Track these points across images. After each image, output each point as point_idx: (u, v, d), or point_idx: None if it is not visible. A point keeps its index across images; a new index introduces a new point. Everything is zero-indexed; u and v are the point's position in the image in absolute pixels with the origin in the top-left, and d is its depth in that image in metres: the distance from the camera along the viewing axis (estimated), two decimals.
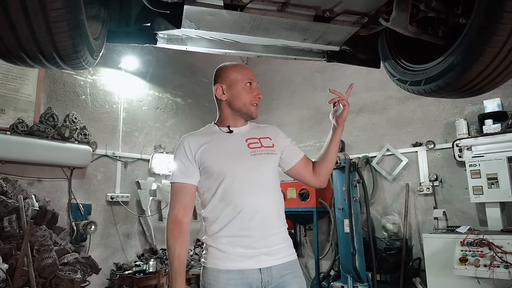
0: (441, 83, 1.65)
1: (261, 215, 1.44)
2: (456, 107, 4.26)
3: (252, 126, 1.67)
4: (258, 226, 1.42)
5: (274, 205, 1.50)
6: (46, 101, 3.89)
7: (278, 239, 1.47)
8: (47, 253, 2.98)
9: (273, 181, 1.54)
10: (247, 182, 1.46)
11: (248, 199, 1.44)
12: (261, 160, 1.52)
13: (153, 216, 4.58)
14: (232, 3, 1.54)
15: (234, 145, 1.53)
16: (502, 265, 2.84)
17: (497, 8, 1.34)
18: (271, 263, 1.42)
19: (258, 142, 1.56)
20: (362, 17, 1.66)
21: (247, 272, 1.38)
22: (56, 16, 1.10)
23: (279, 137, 1.65)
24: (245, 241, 1.41)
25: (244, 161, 1.49)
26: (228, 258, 1.40)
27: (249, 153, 1.52)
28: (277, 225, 1.49)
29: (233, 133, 1.58)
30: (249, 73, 1.61)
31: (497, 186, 3.53)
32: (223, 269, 1.39)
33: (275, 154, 1.58)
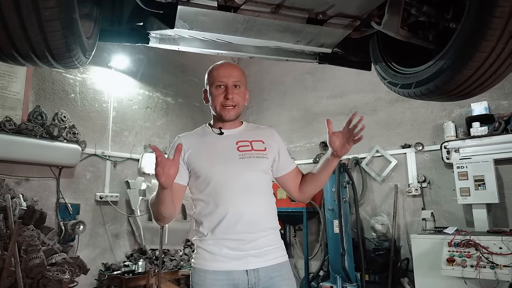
0: (431, 87, 1.68)
1: (248, 218, 1.42)
2: (444, 110, 4.33)
3: (248, 127, 1.65)
4: (246, 229, 1.41)
5: (263, 208, 1.48)
6: (34, 99, 3.84)
7: (266, 241, 1.45)
8: (34, 253, 2.94)
9: (262, 184, 1.52)
10: (234, 185, 1.45)
11: (235, 202, 1.43)
12: (250, 164, 1.50)
13: (143, 216, 4.54)
14: (226, 4, 1.55)
15: (223, 148, 1.52)
16: (488, 266, 2.90)
17: (486, 13, 1.37)
18: (258, 265, 1.41)
19: (249, 145, 1.54)
20: (355, 20, 1.68)
21: (233, 273, 1.38)
22: (49, 14, 1.09)
23: (273, 141, 1.61)
24: (232, 243, 1.40)
25: (231, 164, 1.48)
26: (215, 259, 1.41)
27: (238, 156, 1.50)
28: (266, 228, 1.47)
29: (223, 135, 1.57)
30: (222, 74, 1.54)
31: (483, 188, 3.60)
32: (210, 269, 1.40)
33: (266, 158, 1.54)
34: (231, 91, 1.52)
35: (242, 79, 1.57)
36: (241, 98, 1.56)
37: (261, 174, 1.52)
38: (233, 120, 1.58)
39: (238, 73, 1.57)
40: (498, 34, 1.37)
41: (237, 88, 1.54)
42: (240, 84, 1.55)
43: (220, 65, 1.59)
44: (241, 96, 1.56)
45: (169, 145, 5.13)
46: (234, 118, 1.56)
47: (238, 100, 1.54)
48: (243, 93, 1.58)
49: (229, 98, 1.51)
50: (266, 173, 1.55)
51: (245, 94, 1.61)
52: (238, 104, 1.55)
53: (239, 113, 1.57)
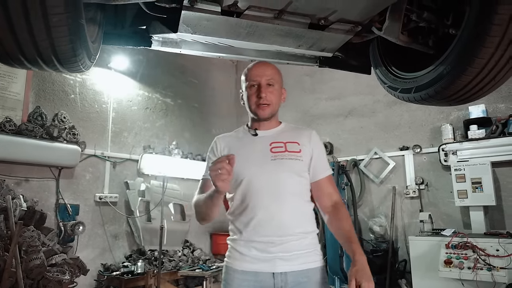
0: (431, 92, 1.70)
1: (277, 221, 1.40)
2: (442, 112, 4.37)
3: (286, 128, 1.60)
4: (274, 232, 1.39)
5: (294, 211, 1.43)
6: (34, 100, 3.84)
7: (296, 246, 1.41)
8: (35, 254, 2.94)
9: (295, 187, 1.46)
10: (264, 187, 1.43)
11: (264, 205, 1.42)
12: (282, 165, 1.46)
13: (142, 217, 4.55)
14: (229, 9, 1.56)
15: (257, 149, 1.50)
16: (485, 268, 2.93)
17: (486, 20, 1.39)
18: (286, 268, 1.38)
19: (283, 146, 1.50)
20: (356, 26, 1.70)
21: (260, 275, 1.38)
22: (57, 20, 1.11)
23: (311, 143, 1.54)
24: (260, 245, 1.40)
25: (263, 166, 1.46)
26: (244, 260, 1.41)
27: (270, 157, 1.47)
28: (296, 232, 1.42)
29: (257, 136, 1.55)
30: (255, 73, 1.53)
31: (481, 190, 3.64)
32: (238, 269, 1.41)
33: (300, 160, 1.49)
34: (264, 89, 1.50)
35: (276, 77, 1.55)
36: (275, 97, 1.54)
37: (294, 177, 1.47)
38: (268, 119, 1.56)
39: (272, 72, 1.55)
40: (497, 41, 1.40)
41: (271, 87, 1.52)
42: (274, 83, 1.53)
43: (254, 65, 1.57)
44: (275, 94, 1.53)
45: (168, 146, 5.15)
46: (269, 116, 1.54)
47: (271, 99, 1.51)
48: (278, 91, 1.55)
49: (262, 97, 1.49)
50: (301, 175, 1.49)
51: (280, 92, 1.57)
52: (272, 103, 1.52)
53: (274, 111, 1.55)
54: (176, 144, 5.23)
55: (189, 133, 5.68)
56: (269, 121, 1.57)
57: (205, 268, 4.36)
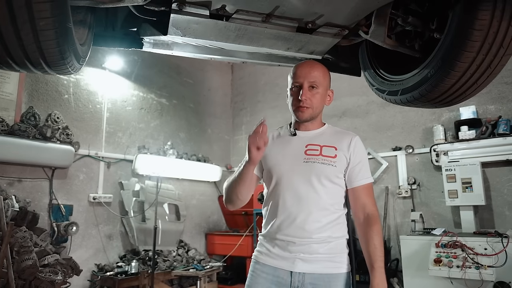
0: (416, 94, 1.73)
1: (300, 223, 1.40)
2: (434, 114, 4.41)
3: (328, 131, 1.58)
4: (296, 234, 1.41)
5: (319, 216, 1.42)
6: (27, 100, 3.84)
7: (319, 249, 1.40)
8: (27, 254, 2.95)
9: (324, 192, 1.44)
10: (292, 188, 1.44)
11: (288, 205, 1.43)
12: (312, 169, 1.44)
13: (136, 217, 4.57)
14: (217, 13, 1.59)
15: (292, 149, 1.50)
16: (473, 266, 2.97)
17: (467, 25, 1.43)
18: (305, 269, 1.38)
19: (318, 149, 1.48)
20: (343, 30, 1.73)
21: (279, 271, 1.41)
22: (44, 24, 1.13)
23: (349, 149, 1.49)
24: (282, 244, 1.43)
25: (294, 167, 1.46)
26: (267, 255, 1.46)
27: (303, 159, 1.47)
28: (320, 237, 1.41)
29: (296, 136, 1.55)
30: (299, 74, 1.51)
31: (471, 190, 3.68)
32: (260, 262, 1.47)
33: (333, 165, 1.45)
34: (305, 92, 1.47)
35: (320, 79, 1.50)
36: (317, 100, 1.50)
37: (324, 181, 1.44)
38: (308, 121, 1.54)
39: (317, 73, 1.50)
40: (478, 45, 1.43)
41: (314, 89, 1.49)
42: (317, 85, 1.49)
43: (300, 65, 1.55)
44: (317, 98, 1.50)
45: (163, 146, 5.16)
46: (308, 119, 1.52)
47: (312, 102, 1.49)
48: (321, 94, 1.51)
49: (301, 99, 1.47)
50: (332, 181, 1.46)
51: (324, 95, 1.53)
52: (312, 106, 1.49)
53: (314, 115, 1.52)
54: (171, 144, 5.24)
55: (184, 134, 5.70)
56: (311, 123, 1.56)
57: (199, 268, 4.38)
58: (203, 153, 5.82)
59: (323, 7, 1.56)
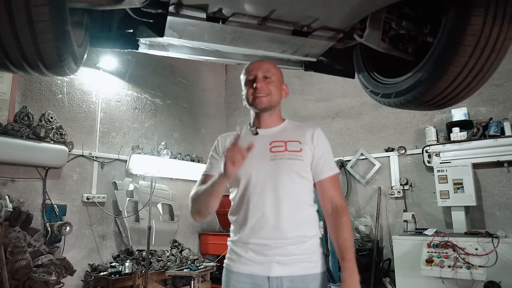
0: (410, 97, 1.76)
1: (274, 224, 1.36)
2: (426, 115, 4.47)
3: (290, 126, 1.56)
4: (270, 235, 1.36)
5: (292, 214, 1.38)
6: (21, 100, 3.81)
7: (295, 250, 1.36)
8: (21, 255, 2.94)
9: (295, 189, 1.41)
10: (261, 188, 1.40)
11: (261, 206, 1.38)
12: (280, 166, 1.41)
13: (130, 217, 4.55)
14: (214, 16, 1.60)
15: (256, 148, 1.42)
16: (464, 266, 3.02)
17: (460, 30, 1.46)
18: (282, 272, 1.33)
19: (283, 145, 1.45)
20: (338, 33, 1.76)
21: (255, 277, 1.35)
22: (43, 27, 1.13)
23: (313, 142, 1.47)
24: (257, 247, 1.37)
25: (261, 166, 1.41)
26: (240, 261, 1.40)
27: (269, 157, 1.43)
28: (295, 236, 1.37)
29: (258, 135, 1.52)
30: (251, 68, 1.52)
31: (462, 191, 3.74)
32: (235, 271, 1.40)
33: (301, 160, 1.42)
34: (260, 80, 1.48)
35: (273, 70, 1.52)
36: (274, 88, 1.50)
37: (294, 177, 1.41)
38: (268, 111, 1.51)
39: (268, 65, 1.53)
40: (470, 50, 1.47)
41: (267, 79, 1.49)
42: (270, 75, 1.50)
43: (250, 62, 1.57)
44: (273, 86, 1.49)
45: (157, 146, 5.16)
46: (267, 107, 1.49)
47: (269, 89, 1.48)
48: (276, 84, 1.51)
49: (258, 87, 1.46)
50: (301, 176, 1.43)
51: (278, 86, 1.52)
52: (270, 93, 1.48)
53: (272, 102, 1.50)
54: (165, 144, 5.24)
55: (178, 134, 5.69)
56: (270, 116, 1.53)
57: (193, 268, 4.38)
58: (197, 153, 5.82)
59: (319, 11, 1.59)
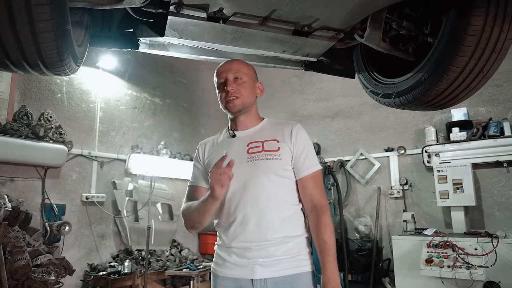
0: (410, 97, 1.76)
1: (254, 226, 1.34)
2: (426, 115, 4.47)
3: (268, 125, 1.52)
4: (252, 238, 1.34)
5: (272, 215, 1.35)
6: (20, 99, 3.80)
7: (278, 251, 1.33)
8: (20, 254, 2.93)
9: (274, 189, 1.37)
10: (240, 191, 1.38)
11: (241, 209, 1.36)
12: (257, 167, 1.38)
13: (129, 216, 4.55)
14: (215, 15, 1.60)
15: (234, 151, 1.43)
16: (464, 266, 3.03)
17: (460, 31, 1.46)
18: (265, 274, 1.31)
19: (260, 145, 1.42)
20: (338, 33, 1.75)
21: (240, 281, 1.33)
22: (43, 26, 1.13)
23: (292, 139, 1.43)
24: (239, 251, 1.35)
25: (239, 168, 1.36)
26: (224, 265, 1.38)
27: (246, 159, 1.40)
28: (277, 237, 1.34)
29: (236, 137, 1.50)
30: (221, 70, 1.50)
31: (461, 191, 3.74)
32: (220, 275, 1.39)
33: (278, 159, 1.39)
34: (230, 83, 1.45)
35: (243, 70, 1.49)
36: (245, 89, 1.47)
37: (272, 178, 1.38)
38: (241, 113, 1.49)
39: (238, 66, 1.50)
40: (471, 50, 1.46)
41: (238, 80, 1.46)
42: (241, 76, 1.47)
43: (220, 64, 1.54)
44: (244, 87, 1.47)
45: (156, 146, 5.15)
46: (240, 109, 1.47)
47: (240, 91, 1.45)
48: (248, 84, 1.48)
49: (228, 91, 1.44)
50: (280, 176, 1.39)
51: (251, 85, 1.50)
52: (241, 95, 1.45)
53: (245, 104, 1.47)
54: (165, 144, 5.23)
55: (177, 133, 5.69)
56: (247, 118, 1.51)
57: (192, 267, 4.38)
58: None
59: (320, 11, 1.58)
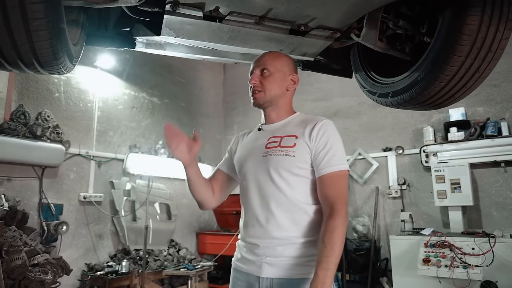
0: (406, 97, 1.76)
1: (263, 222, 1.31)
2: (424, 115, 4.47)
3: (296, 120, 1.44)
4: (258, 235, 1.32)
5: (281, 213, 1.29)
6: (17, 98, 3.79)
7: (286, 251, 1.27)
8: (16, 254, 2.92)
9: (285, 186, 1.30)
10: (253, 185, 1.36)
11: (251, 205, 1.36)
12: (269, 162, 1.33)
13: (127, 216, 4.54)
14: (211, 14, 1.60)
15: (257, 145, 1.42)
16: (461, 266, 3.03)
17: (456, 30, 1.46)
18: (272, 274, 1.26)
19: (278, 141, 1.37)
20: (335, 32, 1.76)
21: (249, 276, 1.32)
22: (38, 25, 1.12)
23: (312, 136, 1.33)
24: (249, 246, 1.35)
25: (254, 163, 1.37)
26: (240, 260, 1.39)
27: (262, 154, 1.38)
28: (285, 237, 1.28)
29: (261, 131, 1.48)
30: (252, 66, 1.49)
31: (459, 191, 3.75)
32: (236, 268, 1.41)
33: (292, 155, 1.31)
34: (253, 76, 1.44)
35: (271, 62, 1.43)
36: (269, 82, 1.41)
37: (285, 175, 1.31)
38: (267, 106, 1.45)
39: (266, 57, 1.46)
40: (467, 50, 1.46)
41: (264, 72, 1.42)
42: (267, 68, 1.42)
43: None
44: (269, 80, 1.41)
45: (155, 145, 5.15)
46: (262, 103, 1.44)
47: (263, 85, 1.41)
48: (274, 76, 1.42)
49: (251, 84, 1.43)
50: (294, 173, 1.31)
51: (277, 77, 1.42)
52: (264, 89, 1.41)
53: (268, 98, 1.42)
54: (163, 143, 5.23)
55: None
56: (273, 110, 1.46)
57: (190, 267, 4.38)
58: None
59: (316, 10, 1.58)
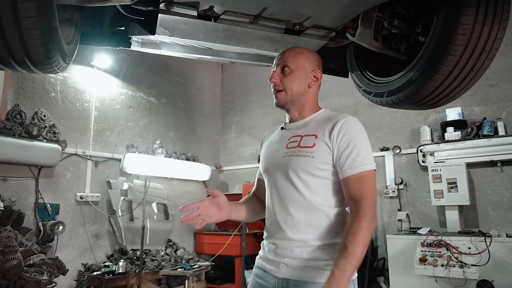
0: (401, 96, 1.76)
1: (281, 223, 1.30)
2: (421, 115, 4.48)
3: (318, 118, 1.37)
4: (277, 235, 1.31)
5: (300, 215, 1.26)
6: (13, 98, 3.78)
7: (304, 253, 1.24)
8: (12, 254, 2.91)
9: (305, 187, 1.26)
10: (273, 186, 1.35)
11: (272, 205, 1.35)
12: (289, 163, 1.30)
13: (124, 216, 4.53)
14: (205, 13, 1.59)
15: (278, 144, 1.40)
16: (457, 265, 3.03)
17: (450, 30, 1.46)
18: (288, 274, 1.25)
19: (298, 141, 1.33)
20: (330, 32, 1.75)
21: (268, 275, 1.32)
22: (29, 23, 1.12)
23: (332, 135, 1.26)
24: (270, 246, 1.35)
25: (275, 164, 1.35)
26: (261, 258, 1.40)
27: (282, 154, 1.34)
28: (304, 238, 1.25)
29: (284, 130, 1.45)
30: (275, 59, 1.43)
31: (456, 190, 3.75)
32: (257, 265, 1.42)
33: (310, 156, 1.26)
34: (274, 74, 1.37)
35: (291, 59, 1.36)
36: (290, 80, 1.35)
37: (304, 176, 1.26)
38: (288, 105, 1.39)
39: (287, 53, 1.38)
40: (461, 49, 1.46)
41: (285, 70, 1.36)
42: (288, 65, 1.35)
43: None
44: (289, 78, 1.35)
45: (152, 145, 5.14)
46: (283, 102, 1.38)
47: (284, 84, 1.35)
48: (295, 74, 1.35)
49: (272, 82, 1.38)
50: (314, 175, 1.26)
51: (298, 75, 1.35)
52: (285, 88, 1.35)
53: (290, 97, 1.37)
54: (160, 143, 5.22)
55: (173, 133, 5.68)
56: (295, 109, 1.40)
57: (187, 267, 4.38)
58: (192, 152, 5.81)
59: (310, 10, 1.58)
